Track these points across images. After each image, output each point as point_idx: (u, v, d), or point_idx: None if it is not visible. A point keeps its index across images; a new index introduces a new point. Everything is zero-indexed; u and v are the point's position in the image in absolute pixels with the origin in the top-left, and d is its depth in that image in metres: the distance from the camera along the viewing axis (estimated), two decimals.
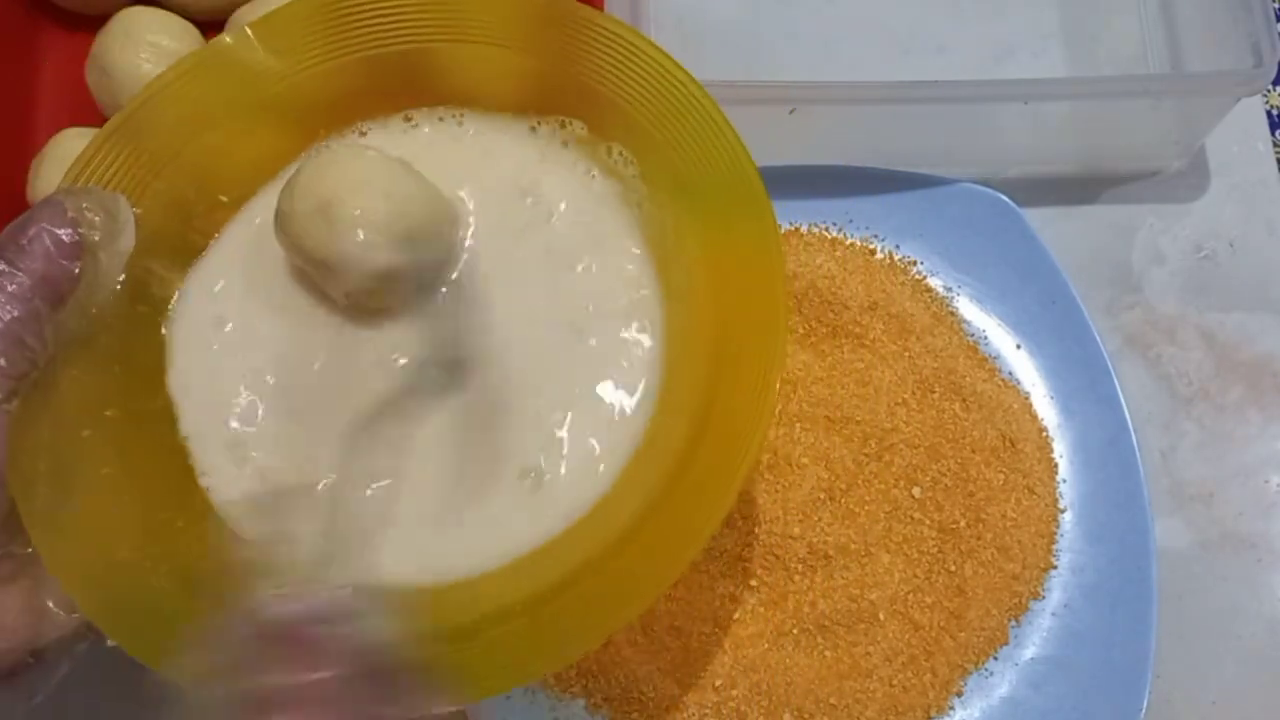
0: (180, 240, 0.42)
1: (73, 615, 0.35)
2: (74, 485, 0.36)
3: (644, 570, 0.36)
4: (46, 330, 0.35)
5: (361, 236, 0.37)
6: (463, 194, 0.43)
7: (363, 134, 0.44)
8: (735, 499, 0.36)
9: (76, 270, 0.35)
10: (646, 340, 0.41)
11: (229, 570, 0.37)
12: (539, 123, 0.44)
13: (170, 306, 0.41)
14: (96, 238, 0.36)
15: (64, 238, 0.35)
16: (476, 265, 0.42)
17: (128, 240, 0.38)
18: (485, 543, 0.38)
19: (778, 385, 0.37)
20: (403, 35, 0.43)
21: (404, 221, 0.38)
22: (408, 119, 0.44)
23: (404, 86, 0.44)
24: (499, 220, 0.43)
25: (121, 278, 0.38)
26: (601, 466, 0.39)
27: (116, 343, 0.38)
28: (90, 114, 0.57)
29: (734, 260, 0.39)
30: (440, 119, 0.44)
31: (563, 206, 0.43)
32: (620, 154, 0.43)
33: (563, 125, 0.44)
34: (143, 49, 0.54)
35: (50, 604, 0.34)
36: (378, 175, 0.39)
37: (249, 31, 0.42)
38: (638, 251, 0.43)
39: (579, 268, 0.42)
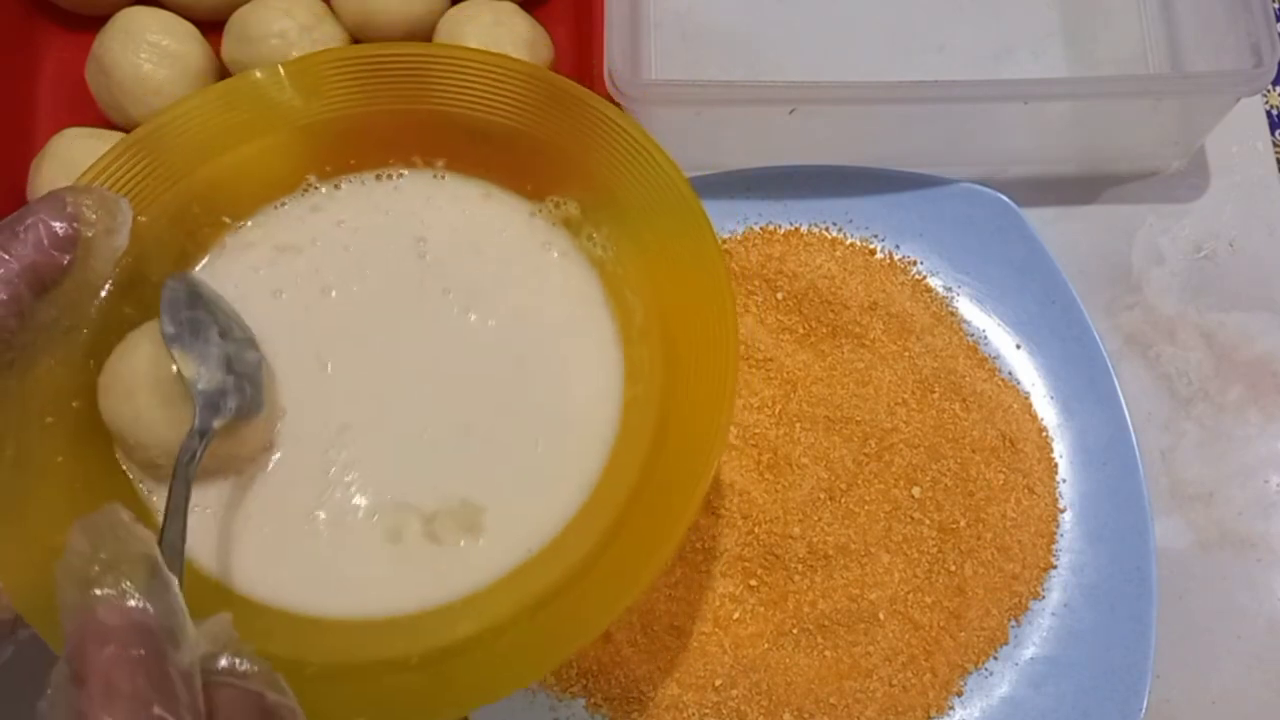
0: (179, 251, 0.44)
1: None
2: (30, 470, 0.38)
3: (598, 599, 0.38)
4: (27, 315, 0.36)
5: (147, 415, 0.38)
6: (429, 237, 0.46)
7: (367, 180, 0.47)
8: (687, 528, 0.38)
9: (65, 261, 0.36)
10: (607, 372, 0.43)
11: None
12: (534, 206, 0.46)
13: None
14: (91, 234, 0.37)
15: (58, 230, 0.36)
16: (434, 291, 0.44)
17: (122, 240, 0.39)
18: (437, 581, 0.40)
19: (730, 417, 0.39)
20: (412, 96, 0.45)
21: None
22: (437, 175, 0.47)
23: (411, 140, 0.46)
24: (447, 264, 0.45)
25: (112, 277, 0.40)
26: (552, 507, 0.41)
27: (96, 339, 0.40)
28: (90, 114, 0.57)
29: (679, 285, 0.42)
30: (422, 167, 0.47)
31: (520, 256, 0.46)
32: (605, 237, 0.45)
33: (557, 205, 0.46)
34: (143, 49, 0.55)
35: None
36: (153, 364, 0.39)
37: (281, 70, 0.45)
38: (593, 290, 0.45)
39: (531, 304, 0.45)
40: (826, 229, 0.57)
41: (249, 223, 0.45)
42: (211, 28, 0.58)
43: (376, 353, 0.44)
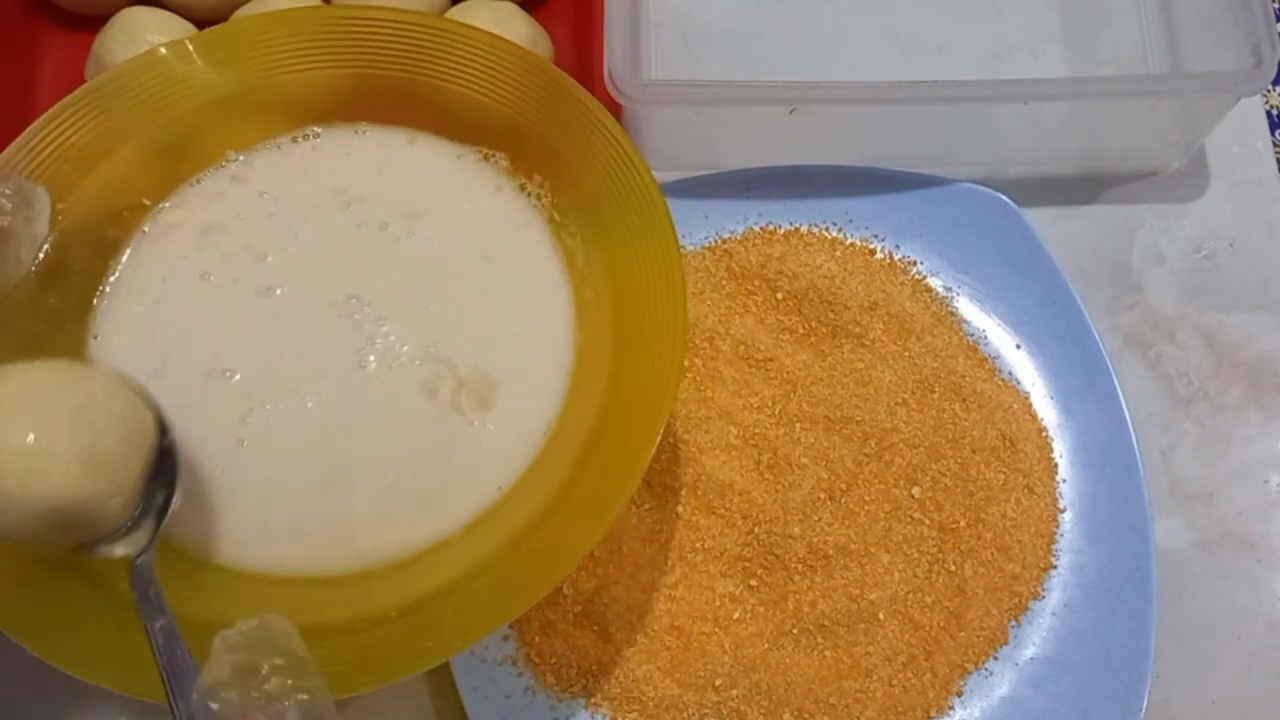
0: (99, 236, 0.44)
1: None
2: None
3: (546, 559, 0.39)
4: None
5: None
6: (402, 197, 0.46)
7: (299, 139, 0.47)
8: (629, 497, 0.40)
9: None
10: (560, 349, 0.44)
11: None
12: (461, 149, 0.47)
13: (94, 303, 0.43)
14: (5, 223, 0.37)
15: None
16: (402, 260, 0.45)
17: (41, 227, 0.40)
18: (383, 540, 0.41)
19: (675, 394, 0.40)
20: (330, 60, 0.46)
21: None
22: (358, 131, 0.47)
23: (331, 103, 0.46)
24: (420, 223, 0.46)
25: (35, 263, 0.40)
26: (499, 477, 0.42)
27: (28, 327, 0.40)
28: None
29: (639, 286, 0.42)
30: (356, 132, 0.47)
31: (488, 228, 0.46)
32: (540, 183, 0.46)
33: (486, 157, 0.47)
34: (143, 49, 0.54)
35: None
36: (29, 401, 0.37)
37: (189, 44, 0.44)
38: (553, 265, 0.46)
39: (495, 262, 0.45)
40: (826, 229, 0.57)
41: (168, 203, 0.45)
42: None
43: (326, 304, 0.44)
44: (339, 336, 0.44)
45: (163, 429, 0.39)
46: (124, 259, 0.44)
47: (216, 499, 0.42)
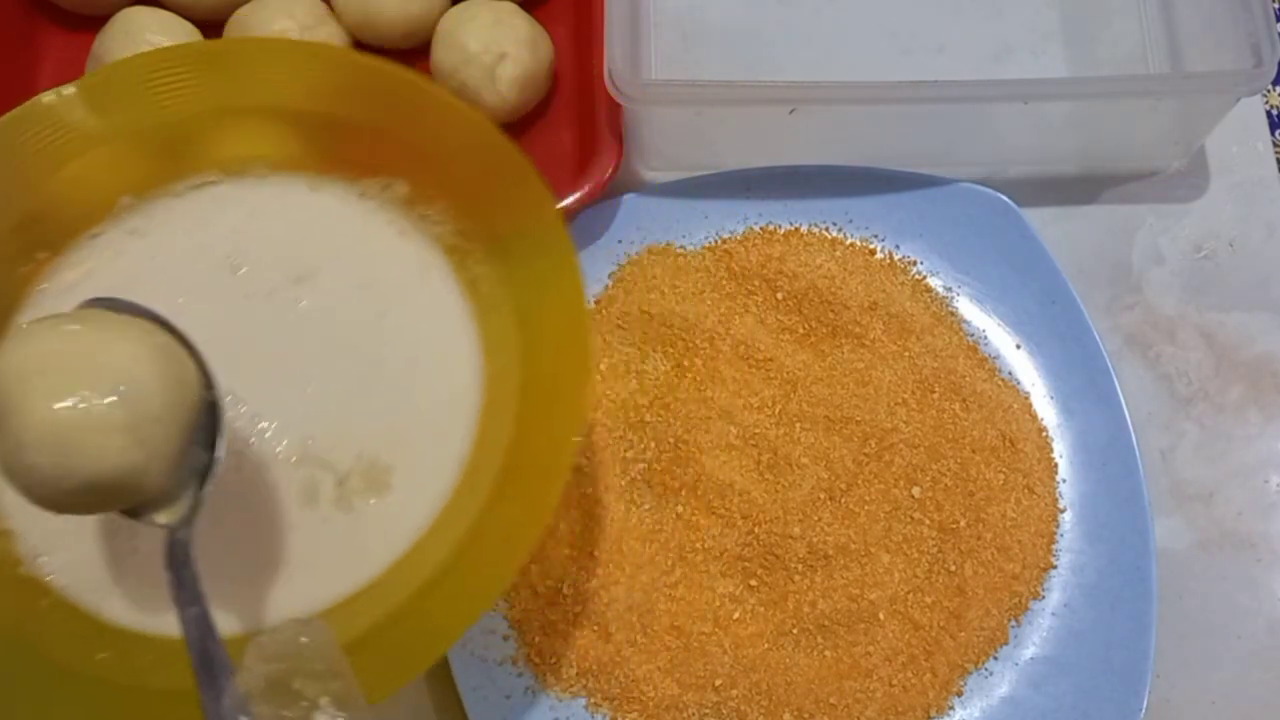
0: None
1: None
2: None
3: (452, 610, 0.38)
4: None
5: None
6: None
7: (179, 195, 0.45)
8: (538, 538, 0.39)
9: None
10: (465, 390, 0.43)
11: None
12: (363, 186, 0.46)
13: None
14: None
15: None
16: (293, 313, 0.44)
17: None
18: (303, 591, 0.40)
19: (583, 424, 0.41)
20: (200, 101, 0.44)
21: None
22: (260, 178, 0.46)
23: (223, 141, 0.45)
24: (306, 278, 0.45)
25: None
26: (408, 521, 0.41)
27: None
28: None
29: (545, 317, 0.42)
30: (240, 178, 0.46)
31: (384, 270, 0.45)
32: (440, 212, 0.45)
33: (385, 187, 0.46)
34: (143, 49, 0.54)
35: None
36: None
37: (73, 89, 0.43)
38: (456, 305, 0.44)
39: (392, 317, 0.44)
40: (826, 229, 0.57)
41: (69, 258, 0.44)
42: (211, 28, 0.58)
43: (232, 362, 0.41)
44: (263, 448, 0.42)
45: (206, 383, 0.37)
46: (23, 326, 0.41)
47: (110, 571, 0.41)
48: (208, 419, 0.37)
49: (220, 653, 0.33)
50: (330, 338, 0.44)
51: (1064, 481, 0.54)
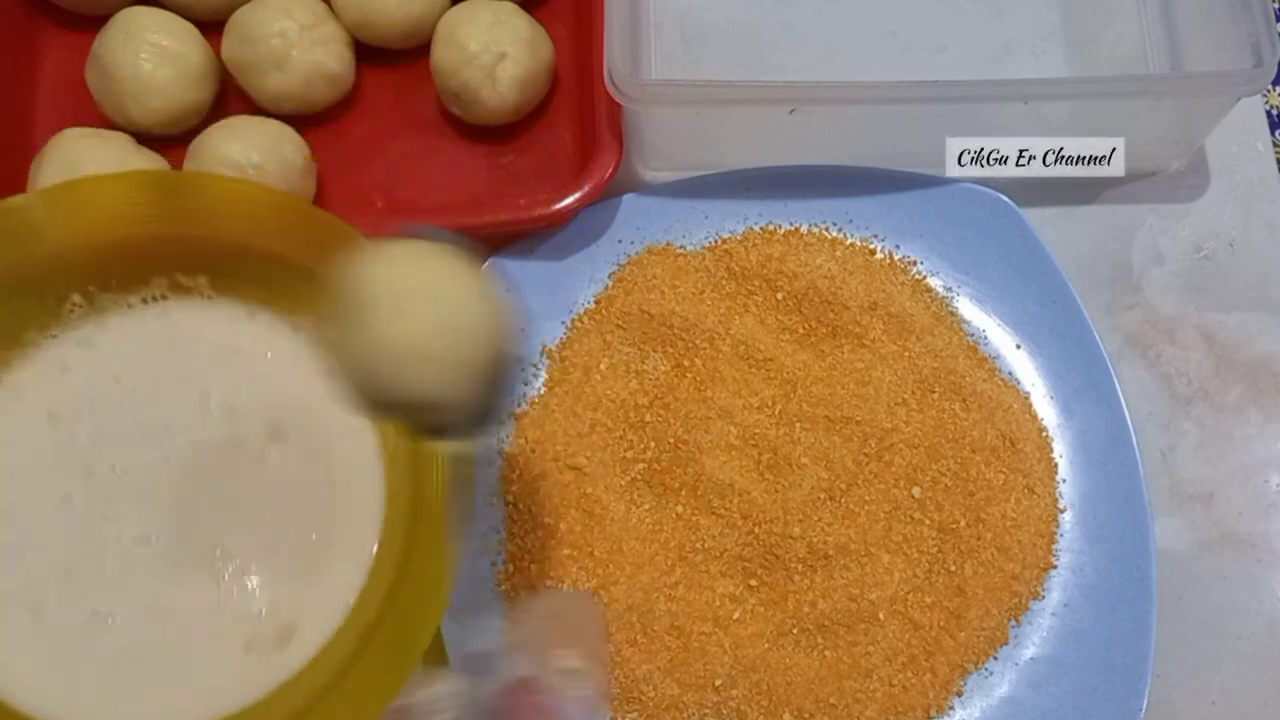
0: None
1: None
2: None
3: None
4: None
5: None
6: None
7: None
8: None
9: None
10: (370, 506, 0.45)
11: None
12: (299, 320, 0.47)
13: None
14: None
15: None
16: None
17: None
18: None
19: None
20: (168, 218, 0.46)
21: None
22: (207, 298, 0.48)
23: (171, 259, 0.47)
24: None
25: None
26: (308, 635, 0.43)
27: None
28: (90, 114, 0.57)
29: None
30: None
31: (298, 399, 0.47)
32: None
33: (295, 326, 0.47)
34: (143, 49, 0.54)
35: None
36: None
37: (36, 196, 0.46)
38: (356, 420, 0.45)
39: (293, 439, 0.46)
40: (826, 229, 0.57)
41: (18, 357, 0.46)
42: (211, 28, 0.58)
43: (196, 557, 0.44)
44: (201, 593, 0.44)
45: (509, 337, 0.39)
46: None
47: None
48: (505, 371, 0.40)
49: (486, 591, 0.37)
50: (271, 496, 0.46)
51: (1064, 481, 0.54)
